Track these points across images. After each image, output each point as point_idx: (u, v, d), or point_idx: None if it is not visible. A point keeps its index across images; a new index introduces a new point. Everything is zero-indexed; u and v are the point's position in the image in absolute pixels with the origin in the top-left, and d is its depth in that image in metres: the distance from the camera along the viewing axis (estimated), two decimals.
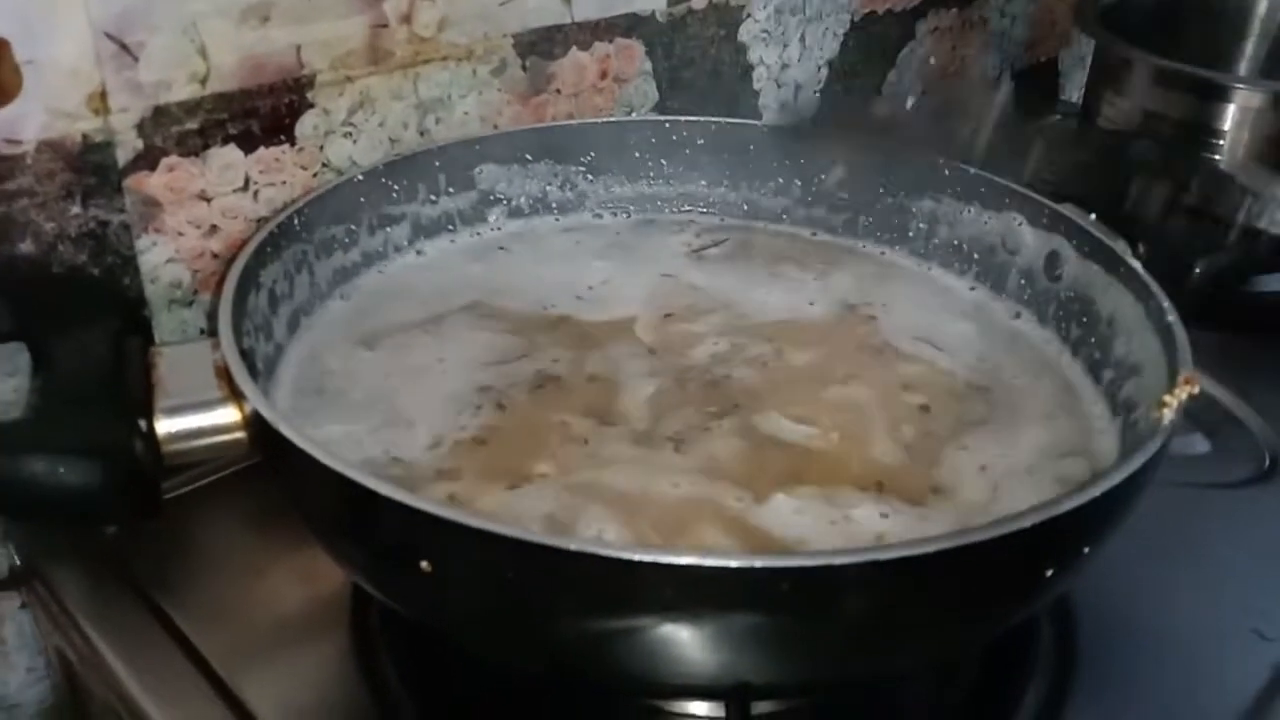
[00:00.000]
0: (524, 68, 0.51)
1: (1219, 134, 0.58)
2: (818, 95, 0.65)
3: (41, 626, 0.43)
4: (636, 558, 0.24)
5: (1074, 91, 0.87)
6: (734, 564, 0.24)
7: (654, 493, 0.32)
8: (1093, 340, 0.39)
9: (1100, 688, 0.36)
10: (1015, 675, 0.36)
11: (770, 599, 0.25)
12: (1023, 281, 0.43)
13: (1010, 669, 0.37)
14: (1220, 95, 0.58)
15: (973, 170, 0.43)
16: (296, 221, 0.40)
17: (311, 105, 0.44)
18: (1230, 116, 0.58)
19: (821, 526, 0.31)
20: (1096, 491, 0.27)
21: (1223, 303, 0.50)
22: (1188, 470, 0.47)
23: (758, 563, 0.24)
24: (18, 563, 0.42)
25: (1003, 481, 0.33)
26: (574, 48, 0.52)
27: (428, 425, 0.35)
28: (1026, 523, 0.25)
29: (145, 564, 0.40)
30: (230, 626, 0.38)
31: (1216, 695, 0.36)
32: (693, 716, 0.33)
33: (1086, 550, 0.28)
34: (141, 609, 0.38)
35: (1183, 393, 0.31)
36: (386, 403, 0.36)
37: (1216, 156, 0.58)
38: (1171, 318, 0.34)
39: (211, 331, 0.33)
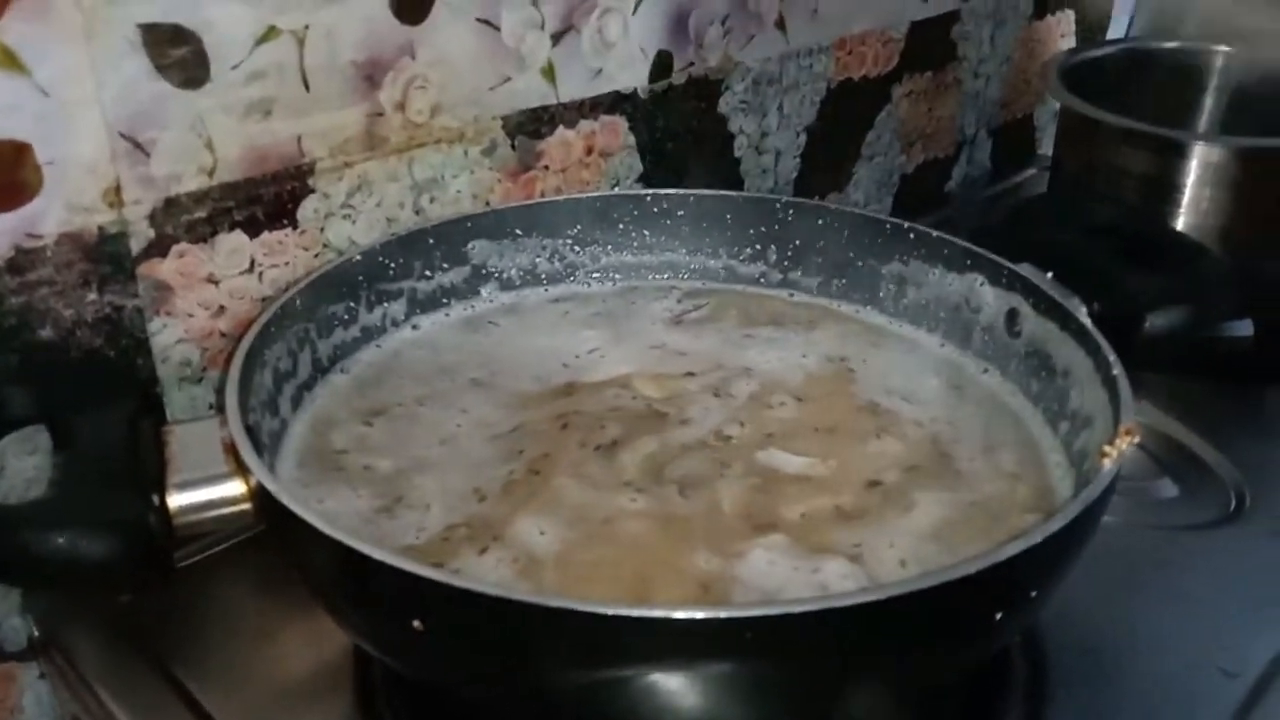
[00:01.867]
0: (513, 147, 0.53)
1: (1181, 188, 0.60)
2: (798, 160, 0.68)
3: (59, 695, 0.45)
4: (610, 612, 0.26)
5: (1049, 145, 0.90)
6: (700, 615, 0.26)
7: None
8: (1051, 393, 0.41)
9: None
10: (989, 711, 0.38)
11: (735, 647, 0.27)
12: (986, 338, 0.45)
13: (984, 705, 0.38)
14: (1180, 152, 0.60)
15: (934, 234, 0.46)
16: (299, 301, 0.42)
17: (312, 190, 0.47)
18: (1192, 171, 0.60)
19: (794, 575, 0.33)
20: (1039, 537, 0.29)
21: (1190, 350, 0.52)
22: (1157, 513, 0.49)
23: (721, 614, 0.27)
24: (36, 634, 0.44)
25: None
26: (560, 126, 0.55)
27: (426, 494, 0.38)
28: (973, 568, 0.27)
29: (159, 632, 0.42)
30: (240, 690, 0.40)
31: None
32: None
33: (1034, 594, 0.30)
34: (155, 675, 0.40)
35: (1124, 442, 0.33)
36: (388, 475, 0.39)
37: (1179, 209, 0.60)
38: (1116, 370, 0.36)
39: (220, 408, 0.36)
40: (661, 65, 0.58)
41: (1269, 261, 0.58)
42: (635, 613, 0.26)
